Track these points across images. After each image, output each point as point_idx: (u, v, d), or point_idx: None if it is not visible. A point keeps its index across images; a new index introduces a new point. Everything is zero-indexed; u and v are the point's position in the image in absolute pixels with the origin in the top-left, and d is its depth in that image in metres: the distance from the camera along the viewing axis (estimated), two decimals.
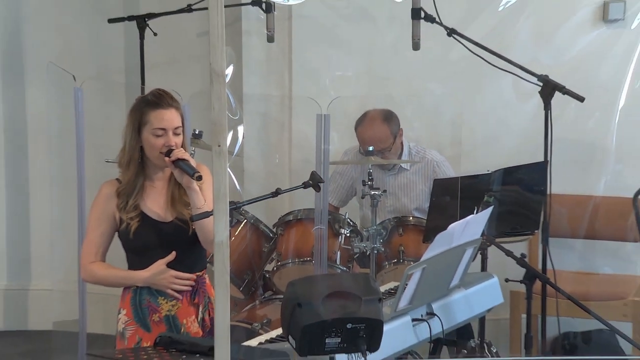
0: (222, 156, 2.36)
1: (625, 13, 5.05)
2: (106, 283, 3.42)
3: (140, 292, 3.35)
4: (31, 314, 5.90)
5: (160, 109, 3.29)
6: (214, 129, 2.36)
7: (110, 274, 3.38)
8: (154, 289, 3.33)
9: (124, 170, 3.36)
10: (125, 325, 3.36)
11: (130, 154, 3.33)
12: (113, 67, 5.70)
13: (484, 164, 4.47)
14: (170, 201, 3.35)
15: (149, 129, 3.29)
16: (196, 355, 2.78)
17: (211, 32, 2.34)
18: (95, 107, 5.34)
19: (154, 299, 3.34)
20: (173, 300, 3.34)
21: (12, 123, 5.86)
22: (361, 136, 4.59)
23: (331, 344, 2.57)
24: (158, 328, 3.30)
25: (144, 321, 3.33)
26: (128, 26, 5.28)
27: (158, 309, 3.33)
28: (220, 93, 2.35)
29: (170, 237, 3.33)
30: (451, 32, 4.14)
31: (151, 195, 3.37)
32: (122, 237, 3.37)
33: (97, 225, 3.37)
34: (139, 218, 3.31)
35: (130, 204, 3.32)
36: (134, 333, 3.34)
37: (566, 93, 3.87)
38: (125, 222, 3.32)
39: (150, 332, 3.31)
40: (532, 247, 4.88)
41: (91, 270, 3.37)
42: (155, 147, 3.29)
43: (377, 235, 4.14)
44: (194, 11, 4.89)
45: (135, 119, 3.32)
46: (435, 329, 3.19)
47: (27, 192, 5.89)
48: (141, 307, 3.34)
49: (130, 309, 3.35)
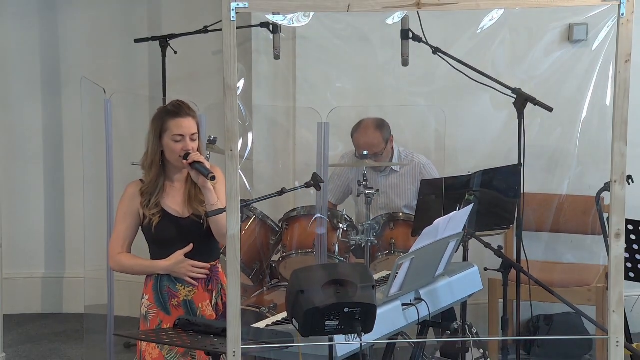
0: (234, 159, 2.34)
1: (588, 34, 5.04)
2: (132, 271, 3.42)
3: (161, 279, 3.32)
4: (65, 299, 5.89)
5: (179, 118, 3.29)
6: (227, 136, 2.35)
7: (136, 264, 3.37)
8: (173, 276, 3.31)
9: (147, 171, 3.35)
10: (148, 309, 3.34)
11: (153, 157, 3.32)
12: (138, 81, 5.68)
13: (465, 167, 4.45)
14: (187, 199, 3.34)
15: (169, 135, 3.28)
16: (210, 336, 2.76)
17: (225, 51, 2.33)
18: (123, 117, 5.33)
19: (173, 286, 3.32)
20: (190, 286, 3.31)
21: (50, 130, 5.86)
22: (357, 142, 4.56)
23: (330, 326, 2.55)
24: (177, 312, 3.28)
25: (164, 305, 3.31)
26: (152, 45, 5.27)
27: (177, 295, 3.31)
28: (232, 104, 2.34)
29: (188, 230, 3.31)
30: (436, 51, 4.12)
31: (170, 194, 3.35)
32: (145, 231, 3.35)
33: (123, 220, 3.36)
34: (160, 214, 3.30)
35: (152, 202, 3.30)
36: (155, 316, 3.32)
37: (537, 104, 3.85)
38: (147, 217, 3.30)
39: (170, 315, 3.28)
40: (508, 240, 4.86)
41: (119, 260, 3.35)
42: (174, 151, 3.28)
43: (370, 230, 4.12)
44: (210, 32, 4.88)
45: (157, 127, 3.31)
46: (422, 312, 3.17)
47: (62, 192, 5.89)
48: (162, 293, 3.32)
49: (152, 294, 3.33)
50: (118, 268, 3.41)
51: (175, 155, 3.28)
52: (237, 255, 2.37)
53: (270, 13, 3.75)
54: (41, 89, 5.82)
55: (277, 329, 2.98)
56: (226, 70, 2.32)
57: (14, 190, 5.73)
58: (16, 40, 5.75)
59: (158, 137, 3.30)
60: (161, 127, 3.30)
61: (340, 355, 2.77)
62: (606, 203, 4.30)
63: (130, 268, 3.38)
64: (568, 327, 4.93)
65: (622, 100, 2.36)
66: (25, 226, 5.84)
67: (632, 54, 2.36)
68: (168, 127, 3.29)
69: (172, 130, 3.28)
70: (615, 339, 2.41)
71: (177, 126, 3.28)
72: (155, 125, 3.32)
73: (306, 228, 4.22)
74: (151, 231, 3.31)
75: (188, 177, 3.34)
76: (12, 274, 5.55)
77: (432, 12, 4.26)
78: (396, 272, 3.00)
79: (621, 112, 2.36)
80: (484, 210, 3.94)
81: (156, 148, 3.31)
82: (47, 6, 5.76)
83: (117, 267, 3.40)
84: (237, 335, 2.36)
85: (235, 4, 2.31)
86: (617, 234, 2.40)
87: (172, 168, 3.35)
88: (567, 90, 4.86)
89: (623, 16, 2.34)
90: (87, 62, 5.71)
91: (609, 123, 2.38)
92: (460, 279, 3.49)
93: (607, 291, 2.47)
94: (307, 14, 3.30)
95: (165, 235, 3.31)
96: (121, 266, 3.38)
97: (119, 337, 4.82)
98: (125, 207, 3.36)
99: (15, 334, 5.37)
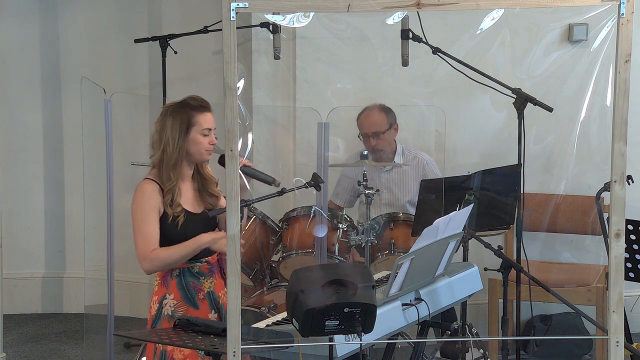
0: (234, 159, 2.34)
1: (588, 34, 5.04)
2: (172, 260, 3.28)
3: (184, 276, 3.34)
4: (65, 299, 5.89)
5: (206, 112, 3.36)
6: (227, 136, 2.34)
7: (175, 248, 3.28)
8: (194, 271, 3.34)
9: (169, 169, 3.32)
10: (175, 307, 3.33)
11: (176, 154, 3.32)
12: (138, 81, 5.68)
13: (464, 167, 4.46)
14: (198, 195, 3.39)
15: (198, 129, 3.33)
16: (210, 336, 2.75)
17: (225, 51, 2.32)
18: (123, 117, 5.34)
19: (197, 280, 3.35)
20: (210, 278, 3.37)
21: (50, 130, 5.86)
22: (361, 123, 4.61)
23: (330, 326, 2.55)
24: (203, 304, 3.34)
25: (193, 300, 3.33)
26: (152, 45, 5.27)
27: (202, 288, 3.35)
28: (232, 104, 2.34)
29: (207, 225, 3.36)
30: (436, 51, 4.11)
31: (183, 192, 3.37)
32: (169, 230, 3.31)
33: (148, 219, 3.28)
34: (183, 213, 3.32)
35: (175, 201, 3.31)
36: (184, 312, 3.31)
37: (537, 104, 3.84)
38: (170, 216, 3.29)
39: (199, 309, 3.32)
40: (508, 240, 4.86)
41: (155, 256, 3.26)
42: (202, 144, 3.33)
43: (370, 230, 4.11)
44: (210, 32, 4.87)
45: (182, 122, 3.32)
46: (422, 312, 3.16)
47: (62, 191, 5.89)
48: (188, 289, 3.34)
49: (178, 292, 3.33)
50: (156, 263, 3.28)
51: (201, 149, 3.33)
52: (237, 255, 2.37)
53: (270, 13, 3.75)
54: (41, 88, 5.82)
55: (277, 329, 2.97)
56: (226, 70, 2.32)
57: (14, 190, 5.73)
58: (16, 40, 5.75)
59: (184, 132, 3.31)
60: (188, 121, 3.32)
61: (340, 355, 2.77)
62: (606, 203, 4.31)
63: (170, 257, 3.27)
64: (568, 327, 4.93)
65: (622, 100, 2.36)
66: (25, 226, 5.84)
67: (632, 54, 2.36)
68: (197, 121, 3.33)
69: (201, 124, 3.32)
70: (615, 339, 2.41)
71: (205, 120, 3.34)
72: (179, 120, 3.32)
73: (306, 228, 4.22)
74: (176, 230, 3.30)
75: (194, 174, 3.40)
76: (12, 274, 5.55)
77: (432, 12, 4.26)
78: (396, 272, 3.00)
79: (621, 112, 2.36)
80: (483, 210, 3.94)
81: (182, 143, 3.32)
82: (47, 6, 5.76)
83: (155, 262, 3.27)
84: (237, 335, 2.36)
85: (235, 4, 2.31)
86: (617, 234, 2.40)
87: (186, 166, 3.37)
88: (567, 90, 4.87)
89: (623, 16, 2.35)
90: (87, 62, 5.72)
91: (609, 123, 2.38)
92: (460, 279, 3.48)
93: (607, 291, 2.47)
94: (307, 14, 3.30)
95: (188, 233, 3.31)
96: (160, 260, 3.27)
97: (119, 337, 4.82)
98: (147, 206, 3.29)
99: (15, 334, 5.37)
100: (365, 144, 4.60)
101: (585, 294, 4.53)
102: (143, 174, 3.40)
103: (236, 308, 2.36)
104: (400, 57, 4.22)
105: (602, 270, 4.66)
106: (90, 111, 4.81)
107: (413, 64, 4.25)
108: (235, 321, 2.36)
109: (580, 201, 4.85)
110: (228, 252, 2.39)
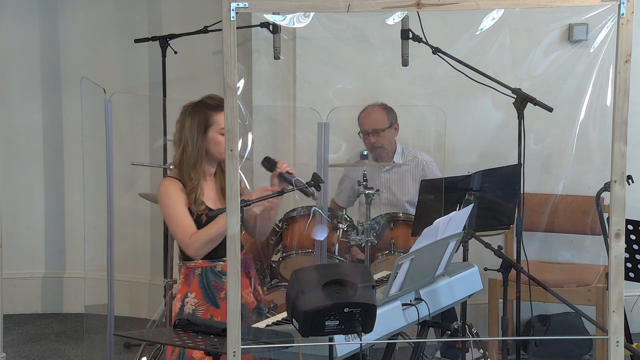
0: (234, 159, 2.34)
1: (588, 34, 5.04)
2: (212, 235, 3.29)
3: (206, 275, 3.34)
4: (65, 299, 5.89)
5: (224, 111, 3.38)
6: (227, 136, 2.34)
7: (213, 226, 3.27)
8: (216, 270, 3.34)
9: (190, 169, 3.35)
10: (196, 306, 3.34)
11: (197, 154, 3.35)
12: (138, 81, 5.68)
13: (464, 167, 4.45)
14: (220, 193, 3.40)
15: (216, 129, 3.34)
16: (210, 336, 2.75)
17: (225, 51, 2.32)
18: (123, 117, 5.33)
19: (219, 279, 3.35)
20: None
21: (50, 130, 5.86)
22: (361, 120, 4.63)
23: (330, 326, 2.55)
24: (224, 303, 3.29)
25: (214, 300, 3.34)
26: (152, 45, 5.27)
27: (223, 287, 3.33)
28: (232, 104, 2.34)
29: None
30: (436, 51, 4.11)
31: (205, 190, 3.39)
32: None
33: (182, 210, 3.32)
34: (207, 211, 3.33)
35: (199, 199, 3.34)
36: (205, 312, 3.32)
37: (537, 104, 3.84)
38: (195, 213, 3.32)
39: (219, 308, 3.31)
40: (508, 240, 4.86)
41: (196, 239, 3.29)
42: (221, 144, 3.32)
43: (370, 230, 4.11)
44: (210, 32, 4.87)
45: (200, 122, 3.35)
46: (422, 312, 3.16)
47: (62, 191, 5.89)
48: (210, 289, 3.34)
49: (200, 291, 3.34)
50: (198, 244, 3.29)
51: (221, 149, 3.33)
52: (237, 255, 2.36)
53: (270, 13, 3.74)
54: (41, 88, 5.82)
55: (277, 329, 2.97)
56: (226, 70, 2.32)
57: (14, 190, 5.73)
58: (16, 40, 5.75)
59: (203, 132, 3.34)
60: (206, 121, 3.34)
61: (340, 355, 2.77)
62: (606, 203, 4.30)
63: (209, 234, 3.28)
64: (568, 327, 4.92)
65: (622, 100, 2.36)
66: (25, 226, 5.84)
67: (632, 54, 2.36)
68: (215, 121, 3.34)
69: (219, 123, 3.34)
70: (615, 339, 2.41)
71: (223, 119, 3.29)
72: (197, 120, 3.35)
73: (306, 228, 4.22)
74: (200, 226, 3.33)
75: (216, 172, 3.43)
76: (12, 273, 5.55)
77: (432, 12, 4.26)
78: (396, 272, 3.00)
79: (621, 112, 2.36)
80: (483, 210, 3.94)
81: (201, 143, 3.34)
82: (47, 6, 5.76)
83: (196, 244, 3.29)
84: (237, 335, 2.36)
85: (235, 4, 2.31)
86: (617, 234, 2.40)
87: (207, 164, 3.39)
88: (566, 90, 4.87)
89: (623, 16, 2.35)
90: (87, 62, 5.72)
91: (609, 123, 2.38)
92: (460, 279, 3.48)
93: (607, 291, 2.47)
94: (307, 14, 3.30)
95: None
96: (201, 240, 3.29)
97: (119, 337, 4.82)
98: (177, 198, 3.32)
99: (15, 334, 5.37)
100: (365, 142, 4.61)
101: (585, 294, 4.53)
102: (143, 174, 3.41)
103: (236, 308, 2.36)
104: (400, 57, 4.22)
105: (602, 270, 4.66)
106: (90, 111, 4.81)
107: (413, 64, 4.25)
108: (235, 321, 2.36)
109: (580, 201, 4.85)
110: (228, 252, 2.38)
